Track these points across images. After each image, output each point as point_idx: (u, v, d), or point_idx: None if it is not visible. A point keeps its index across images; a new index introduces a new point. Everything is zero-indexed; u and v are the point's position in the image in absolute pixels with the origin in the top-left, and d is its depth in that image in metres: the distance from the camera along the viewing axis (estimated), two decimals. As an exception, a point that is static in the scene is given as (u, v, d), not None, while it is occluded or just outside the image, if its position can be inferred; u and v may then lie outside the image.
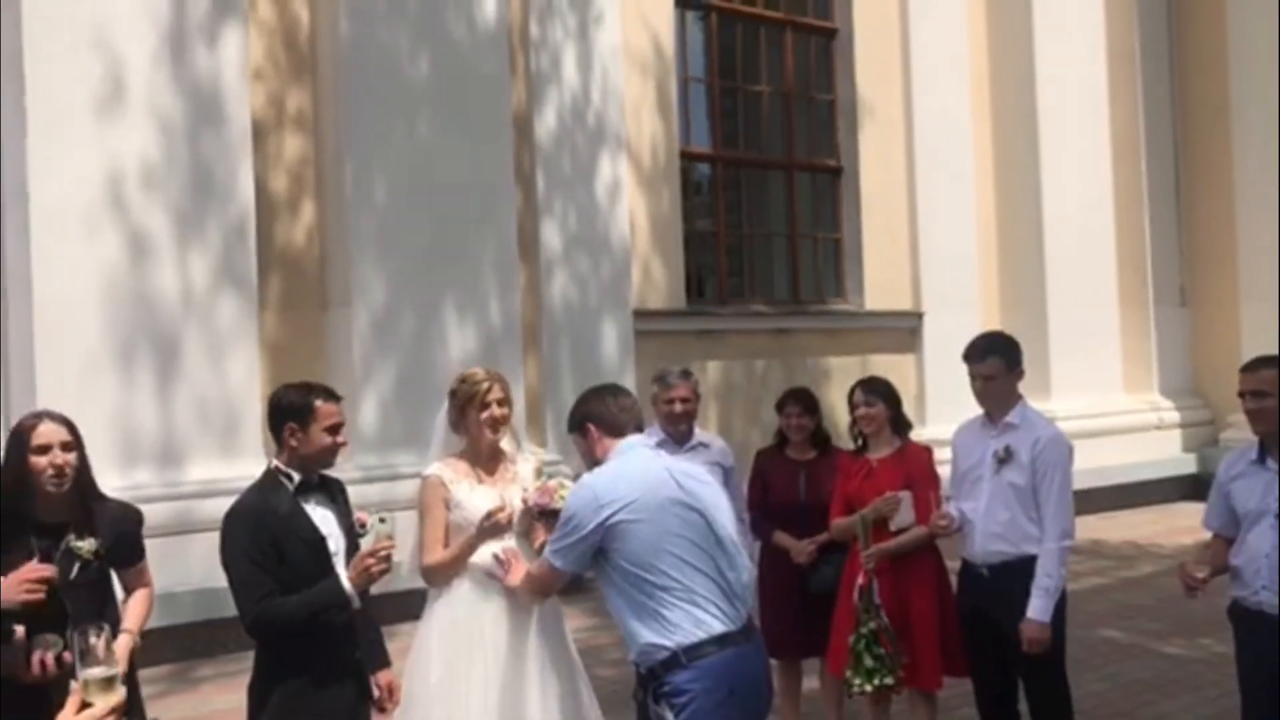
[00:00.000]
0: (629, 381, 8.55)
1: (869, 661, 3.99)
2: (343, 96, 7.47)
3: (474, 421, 3.59)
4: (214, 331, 6.82)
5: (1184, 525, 9.28)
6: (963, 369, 3.92)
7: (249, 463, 6.87)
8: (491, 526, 3.42)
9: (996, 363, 3.87)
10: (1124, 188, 11.72)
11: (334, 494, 3.26)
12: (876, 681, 3.99)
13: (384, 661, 3.37)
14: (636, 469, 2.97)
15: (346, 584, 3.03)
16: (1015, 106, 11.36)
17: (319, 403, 3.21)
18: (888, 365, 10.09)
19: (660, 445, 4.48)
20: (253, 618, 3.03)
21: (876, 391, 4.26)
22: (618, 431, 3.06)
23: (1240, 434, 11.15)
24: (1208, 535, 3.71)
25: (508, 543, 3.50)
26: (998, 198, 11.51)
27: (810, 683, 4.78)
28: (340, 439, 3.21)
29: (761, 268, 10.56)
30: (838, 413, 5.18)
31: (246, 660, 3.31)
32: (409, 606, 4.10)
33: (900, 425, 4.28)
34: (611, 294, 8.87)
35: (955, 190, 11.00)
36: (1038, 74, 11.20)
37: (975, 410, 4.03)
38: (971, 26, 11.29)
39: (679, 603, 2.80)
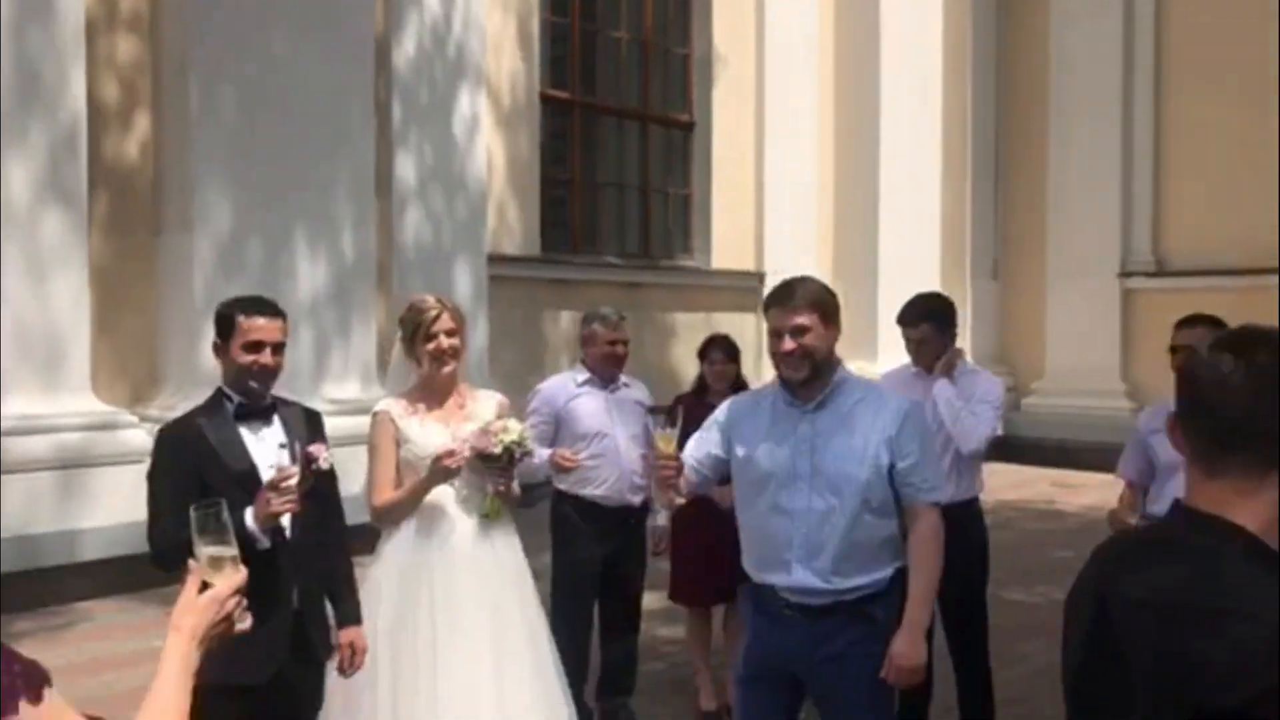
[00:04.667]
0: (480, 328, 8.27)
1: None
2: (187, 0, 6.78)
3: (422, 353, 3.33)
4: (36, 251, 6.08)
5: (998, 484, 9.88)
6: None
7: (74, 398, 6.22)
8: (440, 470, 3.16)
9: (928, 328, 3.94)
10: (950, 166, 12.29)
11: (292, 422, 2.92)
12: None
13: (350, 616, 3.05)
14: None
15: (250, 520, 2.71)
16: (858, 79, 11.69)
17: (240, 317, 2.87)
18: (730, 323, 10.19)
19: (588, 383, 4.34)
20: (150, 548, 2.76)
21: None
22: None
23: (1039, 400, 12.02)
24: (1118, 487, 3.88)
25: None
26: (837, 166, 11.84)
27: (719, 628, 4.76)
28: (262, 358, 2.86)
29: (614, 218, 10.43)
30: (685, 368, 5.19)
31: (70, 615, 2.94)
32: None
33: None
34: (465, 236, 8.53)
35: (799, 155, 11.23)
36: (882, 51, 11.58)
37: None
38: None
39: None
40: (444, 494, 3.29)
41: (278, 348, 2.89)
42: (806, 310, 2.75)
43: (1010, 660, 5.03)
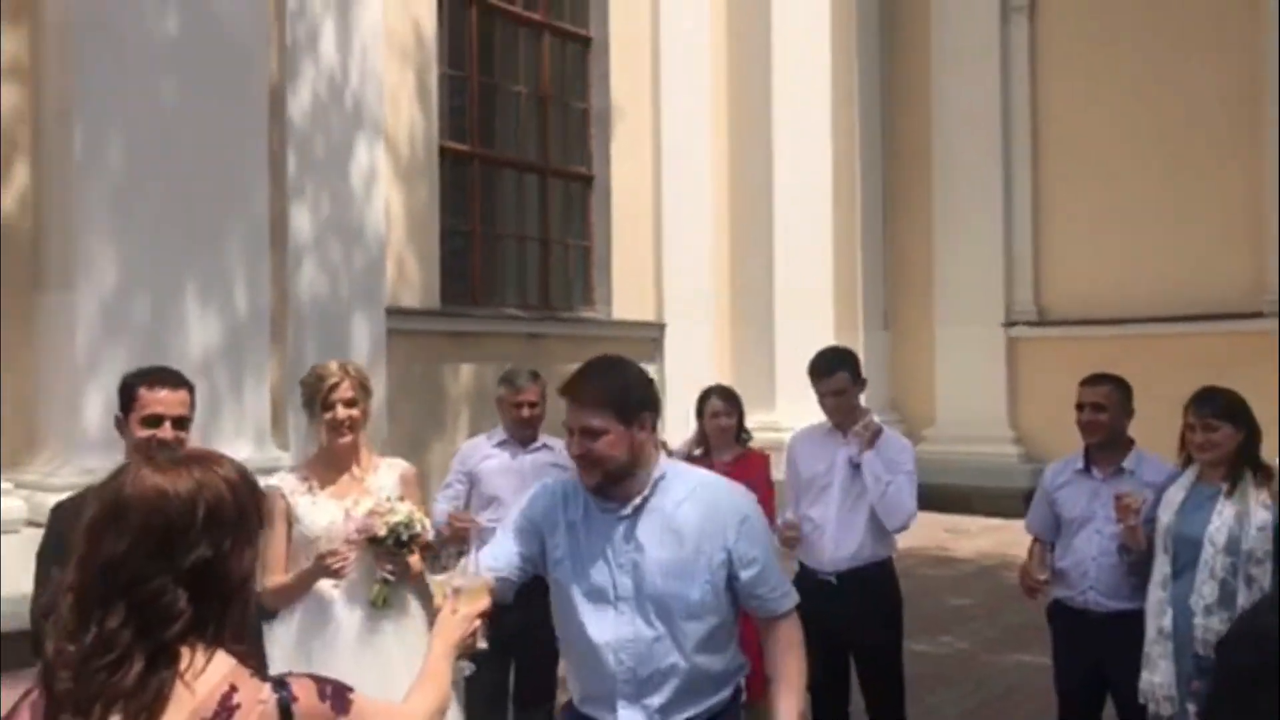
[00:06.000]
0: (379, 382, 8.07)
1: None
2: (72, 46, 6.52)
3: (320, 422, 3.22)
4: (-97, 308, 5.73)
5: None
6: (700, 379, 4.02)
7: (-56, 466, 5.84)
8: (321, 569, 3.04)
9: (844, 377, 3.96)
10: (841, 220, 12.61)
11: None
12: None
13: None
14: None
15: None
16: (751, 133, 11.96)
17: (141, 388, 2.76)
18: (632, 374, 10.23)
19: (502, 445, 4.26)
20: (33, 627, 2.60)
21: (733, 401, 4.32)
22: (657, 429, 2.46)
23: (930, 447, 12.31)
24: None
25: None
26: (732, 218, 12.04)
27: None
28: (160, 433, 2.74)
29: (514, 270, 10.36)
30: None
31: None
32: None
33: (740, 434, 4.33)
34: (364, 289, 8.35)
35: (697, 207, 11.39)
36: (773, 105, 11.86)
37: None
38: (714, 52, 11.75)
39: None
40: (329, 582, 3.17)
41: (179, 421, 2.77)
42: (595, 410, 2.30)
43: (919, 713, 5.08)
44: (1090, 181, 11.74)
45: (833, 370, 3.96)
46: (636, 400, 2.34)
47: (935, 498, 12.32)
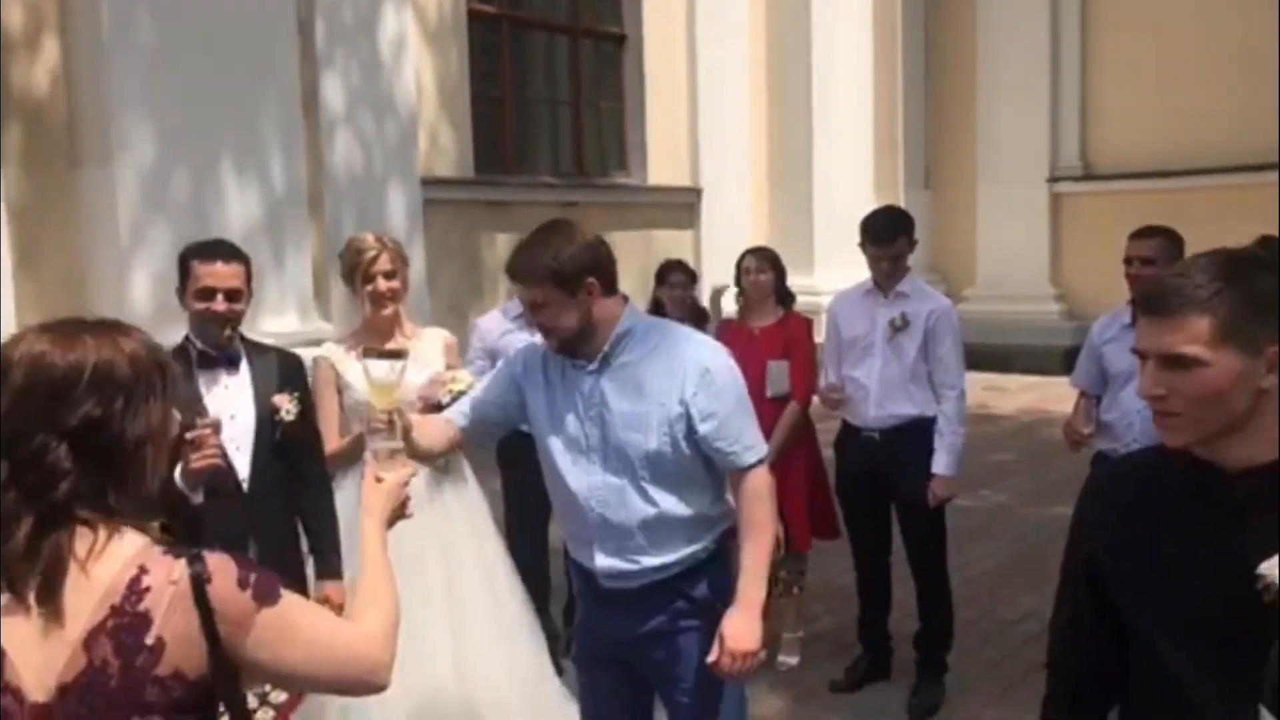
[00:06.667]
0: (417, 253, 8.11)
1: None
2: (92, -84, 6.38)
3: (361, 295, 3.26)
4: (-53, 189, 5.78)
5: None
6: (737, 246, 3.91)
7: None
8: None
9: (904, 242, 3.93)
10: (881, 75, 12.25)
11: (262, 370, 2.84)
12: None
13: (328, 570, 2.96)
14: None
15: (177, 476, 2.56)
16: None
17: (195, 261, 2.79)
18: (668, 241, 10.16)
19: (518, 319, 4.26)
20: None
21: (768, 259, 4.26)
22: (615, 285, 2.46)
23: (970, 306, 12.22)
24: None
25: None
26: (769, 78, 11.72)
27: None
28: (214, 305, 2.78)
29: (547, 137, 10.23)
30: (626, 288, 5.05)
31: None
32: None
33: (784, 296, 4.29)
34: (397, 159, 8.29)
35: (732, 66, 11.09)
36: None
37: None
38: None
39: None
40: None
41: (233, 294, 2.80)
42: (534, 284, 2.34)
43: (959, 564, 5.18)
44: (1139, 33, 11.26)
45: (894, 236, 3.91)
46: (573, 268, 2.34)
47: (975, 357, 12.16)
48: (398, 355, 2.16)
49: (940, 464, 3.84)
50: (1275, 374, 1.43)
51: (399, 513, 1.91)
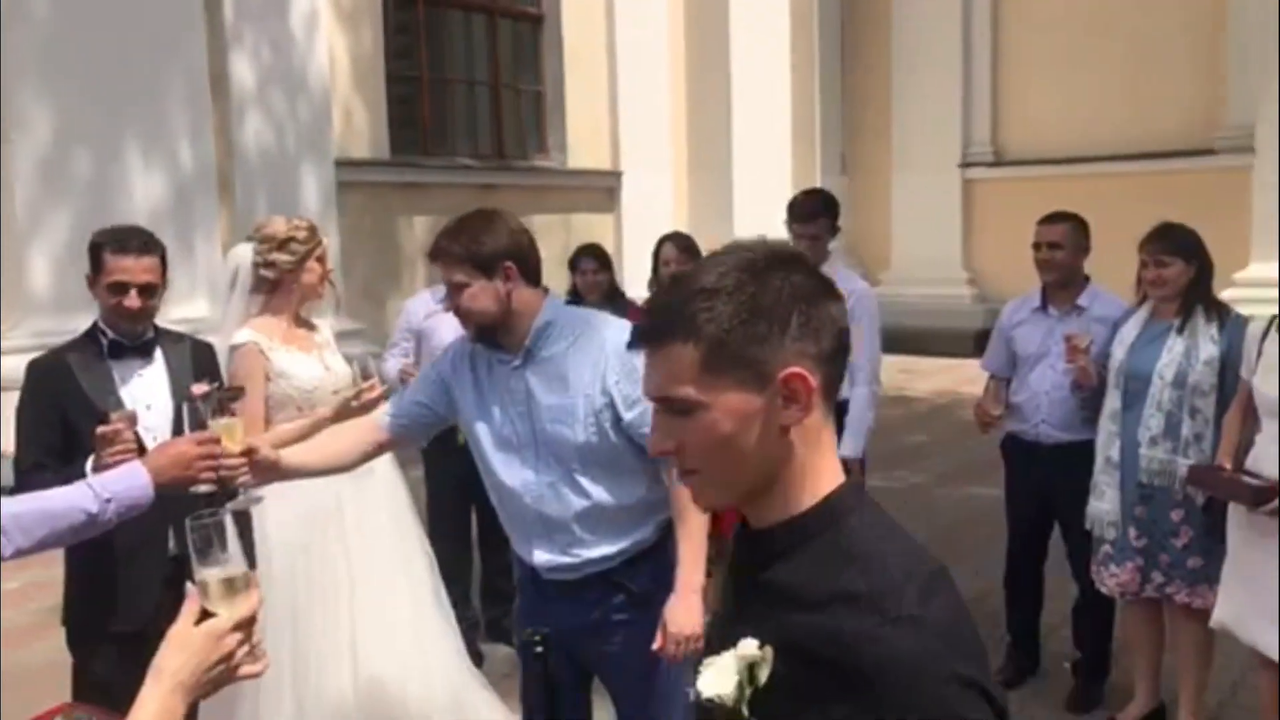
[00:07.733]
0: (333, 235, 7.95)
1: None
2: (-19, -119, 6.10)
3: (313, 277, 3.18)
4: None
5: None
6: (658, 229, 3.92)
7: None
8: (360, 406, 3.03)
9: (825, 224, 3.96)
10: (799, 63, 12.34)
11: (175, 359, 2.75)
12: None
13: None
14: None
15: (88, 471, 2.44)
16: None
17: (106, 253, 2.67)
18: (589, 224, 10.13)
19: (444, 301, 4.22)
20: (15, 485, 2.56)
21: (686, 248, 4.32)
22: (538, 278, 2.43)
23: (885, 289, 12.41)
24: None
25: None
26: (688, 60, 11.73)
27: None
28: (126, 301, 2.65)
29: (465, 118, 10.10)
30: (546, 272, 5.02)
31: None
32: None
33: None
34: (311, 140, 8.13)
35: (651, 48, 11.07)
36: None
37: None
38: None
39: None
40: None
41: (147, 289, 2.68)
42: (454, 265, 2.31)
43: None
44: (1048, 20, 11.53)
45: (814, 216, 3.96)
46: (492, 252, 2.31)
47: (890, 339, 12.35)
48: (231, 394, 2.15)
49: (847, 446, 3.89)
50: (798, 405, 1.10)
51: (222, 674, 1.38)
